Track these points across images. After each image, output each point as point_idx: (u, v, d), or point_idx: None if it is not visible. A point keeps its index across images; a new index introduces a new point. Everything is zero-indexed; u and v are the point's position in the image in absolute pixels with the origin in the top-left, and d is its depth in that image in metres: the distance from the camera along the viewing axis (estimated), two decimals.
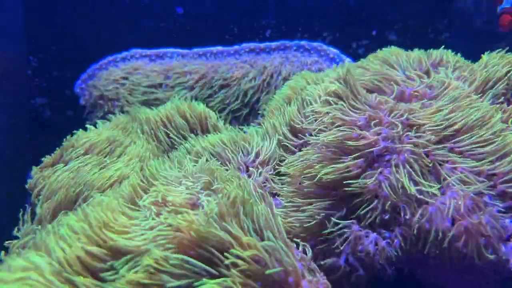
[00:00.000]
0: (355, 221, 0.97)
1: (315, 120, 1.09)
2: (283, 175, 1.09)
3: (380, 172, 0.96)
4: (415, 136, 0.99)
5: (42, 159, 1.18)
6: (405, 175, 0.95)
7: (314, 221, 0.99)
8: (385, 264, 0.96)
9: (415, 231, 0.94)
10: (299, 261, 0.83)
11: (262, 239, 0.72)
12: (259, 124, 1.36)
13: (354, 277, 0.96)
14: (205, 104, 1.45)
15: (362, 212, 0.95)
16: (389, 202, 0.94)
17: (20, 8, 1.73)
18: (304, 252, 0.89)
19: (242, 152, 1.10)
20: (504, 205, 0.93)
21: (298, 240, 0.95)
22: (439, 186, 0.94)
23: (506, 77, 1.10)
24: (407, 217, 0.93)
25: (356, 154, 0.98)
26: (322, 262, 0.97)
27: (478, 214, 0.90)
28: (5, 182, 1.66)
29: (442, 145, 0.99)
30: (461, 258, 0.92)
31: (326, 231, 0.98)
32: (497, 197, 0.93)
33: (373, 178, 0.95)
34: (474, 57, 1.20)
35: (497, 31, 1.33)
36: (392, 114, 1.03)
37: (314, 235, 1.00)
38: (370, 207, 0.95)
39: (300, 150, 1.10)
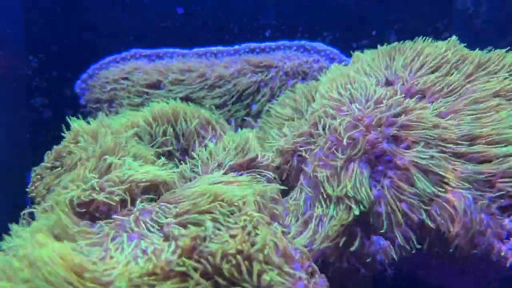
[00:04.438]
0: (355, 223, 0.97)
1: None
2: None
3: (385, 175, 0.97)
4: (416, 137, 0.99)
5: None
6: (407, 176, 0.95)
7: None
8: (385, 265, 0.96)
9: (417, 231, 0.94)
10: (297, 261, 0.83)
11: None
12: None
13: (360, 277, 0.96)
14: (204, 104, 1.45)
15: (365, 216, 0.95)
16: (392, 203, 0.94)
17: (20, 8, 1.73)
18: (304, 252, 0.89)
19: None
20: (503, 204, 0.93)
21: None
22: (440, 186, 0.94)
23: None
24: (409, 217, 0.94)
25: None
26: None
27: (478, 214, 0.90)
28: (5, 182, 1.66)
29: (442, 146, 0.99)
30: (461, 257, 0.92)
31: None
32: (496, 196, 0.93)
33: (379, 184, 0.96)
34: None
35: None
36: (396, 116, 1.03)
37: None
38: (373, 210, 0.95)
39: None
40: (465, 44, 1.19)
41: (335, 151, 1.01)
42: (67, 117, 1.21)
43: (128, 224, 0.88)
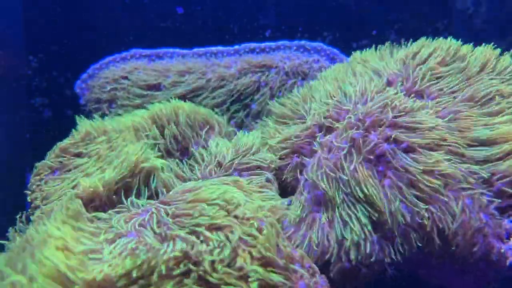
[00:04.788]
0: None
1: None
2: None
3: (385, 175, 0.97)
4: (416, 137, 0.99)
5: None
6: (406, 177, 0.95)
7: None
8: (386, 264, 0.96)
9: (416, 231, 0.94)
10: (297, 261, 0.83)
11: None
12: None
13: (361, 277, 0.96)
14: (204, 104, 1.45)
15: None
16: (392, 203, 0.94)
17: (20, 8, 1.73)
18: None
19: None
20: (503, 205, 0.93)
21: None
22: (439, 186, 0.94)
23: None
24: (409, 216, 0.94)
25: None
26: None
27: (476, 213, 0.90)
28: (5, 182, 1.66)
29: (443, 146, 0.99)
30: (461, 257, 0.92)
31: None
32: (495, 196, 0.93)
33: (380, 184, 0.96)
34: None
35: None
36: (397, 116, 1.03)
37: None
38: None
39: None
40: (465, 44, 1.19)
41: (336, 152, 1.01)
42: (76, 116, 1.22)
43: (122, 222, 0.88)
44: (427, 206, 0.93)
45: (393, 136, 0.99)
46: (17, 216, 1.04)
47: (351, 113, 1.06)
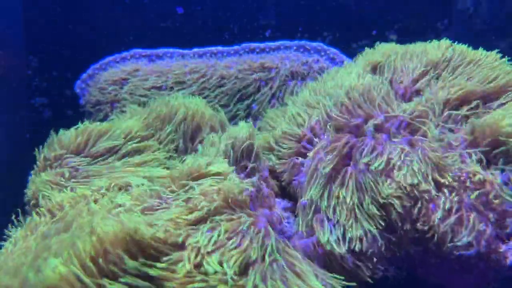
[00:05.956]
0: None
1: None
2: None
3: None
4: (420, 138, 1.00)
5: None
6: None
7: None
8: (385, 263, 0.96)
9: (414, 229, 0.94)
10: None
11: None
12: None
13: (362, 276, 0.96)
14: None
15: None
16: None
17: (20, 8, 1.73)
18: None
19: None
20: (501, 207, 0.93)
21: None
22: (437, 187, 0.94)
23: None
24: (408, 215, 0.94)
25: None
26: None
27: (477, 215, 0.90)
28: (5, 182, 1.66)
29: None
30: (460, 256, 0.92)
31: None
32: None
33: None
34: None
35: None
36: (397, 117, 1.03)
37: None
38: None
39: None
40: (466, 44, 1.19)
41: (333, 153, 1.01)
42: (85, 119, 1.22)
43: None
44: (426, 207, 0.93)
45: (391, 138, 0.99)
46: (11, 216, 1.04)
47: (351, 113, 1.06)
